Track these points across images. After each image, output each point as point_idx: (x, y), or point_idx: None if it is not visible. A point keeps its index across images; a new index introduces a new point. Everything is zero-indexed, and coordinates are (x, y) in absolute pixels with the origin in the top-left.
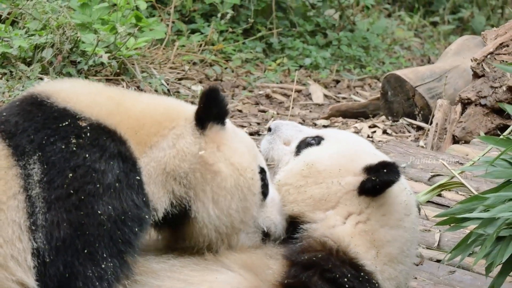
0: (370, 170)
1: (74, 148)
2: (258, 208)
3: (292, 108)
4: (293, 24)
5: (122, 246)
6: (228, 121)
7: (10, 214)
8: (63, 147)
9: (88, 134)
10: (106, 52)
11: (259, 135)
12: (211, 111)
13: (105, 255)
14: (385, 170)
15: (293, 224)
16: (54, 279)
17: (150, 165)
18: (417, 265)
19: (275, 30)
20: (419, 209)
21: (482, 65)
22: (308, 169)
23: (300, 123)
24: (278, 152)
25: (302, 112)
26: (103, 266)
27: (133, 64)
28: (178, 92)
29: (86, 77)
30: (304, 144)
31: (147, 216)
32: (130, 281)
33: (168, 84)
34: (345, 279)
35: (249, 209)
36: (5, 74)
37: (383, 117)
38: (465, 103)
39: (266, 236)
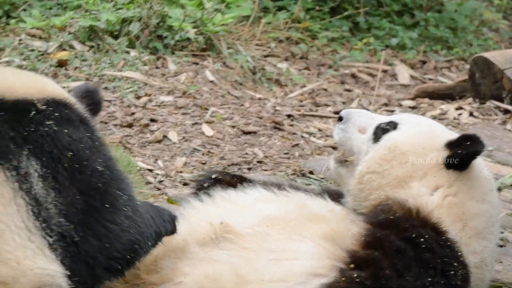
0: (452, 144)
1: (55, 128)
2: None
3: (378, 88)
4: (380, 3)
5: (125, 184)
6: None
7: (12, 221)
8: (47, 130)
9: (55, 113)
10: (192, 28)
11: None
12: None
13: (121, 194)
14: (468, 143)
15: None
16: (92, 247)
17: None
18: (501, 246)
19: (362, 9)
20: (499, 188)
21: None
22: (391, 152)
23: (385, 103)
24: (356, 142)
25: (387, 92)
26: (126, 203)
27: (219, 40)
28: (264, 69)
29: (172, 52)
30: (380, 130)
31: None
32: (219, 235)
33: (253, 61)
34: (422, 240)
35: None
36: (92, 47)
37: (470, 99)
38: None
39: None
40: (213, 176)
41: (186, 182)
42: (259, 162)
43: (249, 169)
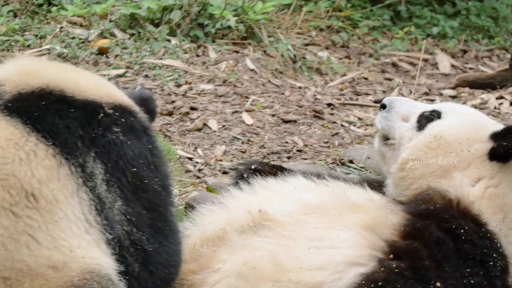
0: (497, 136)
1: (122, 137)
2: None
3: (419, 77)
4: None
5: (173, 202)
6: None
7: (71, 211)
8: (114, 138)
9: (122, 119)
10: (233, 16)
11: None
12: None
13: (169, 213)
14: None
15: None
16: (162, 260)
17: None
18: None
19: None
20: None
21: None
22: (437, 141)
23: (425, 92)
24: (399, 130)
25: (428, 81)
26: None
27: (260, 29)
28: (304, 57)
29: (213, 41)
30: (424, 119)
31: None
32: (257, 223)
33: (294, 49)
34: (462, 231)
35: None
36: (133, 35)
37: (511, 89)
38: None
39: None
40: (253, 167)
41: (225, 171)
42: (299, 150)
43: (288, 157)
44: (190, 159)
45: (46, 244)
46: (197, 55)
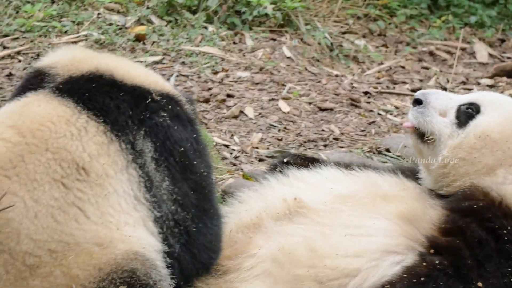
0: None
1: (168, 121)
2: None
3: (456, 66)
4: None
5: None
6: None
7: (120, 187)
8: (161, 121)
9: (169, 106)
10: (270, 3)
11: None
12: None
13: (214, 198)
14: None
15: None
16: (205, 242)
17: None
18: None
19: None
20: None
21: None
22: (482, 141)
23: (463, 82)
24: (438, 126)
25: (465, 70)
26: (216, 207)
27: (297, 16)
28: (341, 45)
29: (250, 28)
30: (463, 114)
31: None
32: (293, 210)
33: (331, 38)
34: (505, 231)
35: None
36: (170, 21)
37: None
38: None
39: None
40: (285, 160)
41: (261, 158)
42: (335, 139)
43: (325, 146)
44: (227, 146)
45: (94, 218)
46: (234, 43)
